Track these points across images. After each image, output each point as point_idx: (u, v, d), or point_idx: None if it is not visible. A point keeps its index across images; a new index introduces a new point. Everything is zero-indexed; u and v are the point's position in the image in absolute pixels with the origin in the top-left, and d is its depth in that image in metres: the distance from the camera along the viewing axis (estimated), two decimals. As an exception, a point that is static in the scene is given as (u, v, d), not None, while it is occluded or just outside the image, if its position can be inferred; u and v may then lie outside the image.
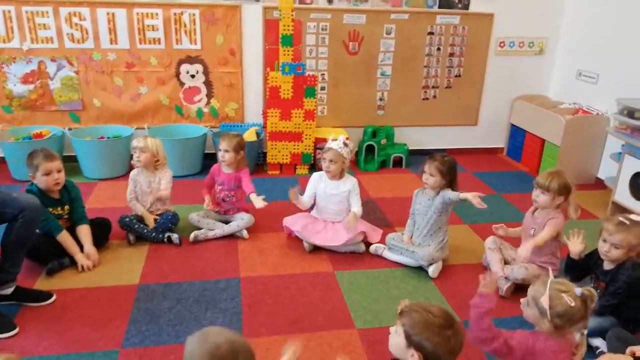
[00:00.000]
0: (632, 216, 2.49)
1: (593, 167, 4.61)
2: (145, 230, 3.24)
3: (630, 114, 3.82)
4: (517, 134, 5.19)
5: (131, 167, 4.46)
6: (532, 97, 5.13)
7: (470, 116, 5.25)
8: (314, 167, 4.65)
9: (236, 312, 2.63)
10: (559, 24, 5.04)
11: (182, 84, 4.63)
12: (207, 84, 4.68)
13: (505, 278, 2.90)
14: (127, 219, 3.24)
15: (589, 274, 2.62)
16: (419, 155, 5.04)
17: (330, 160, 3.25)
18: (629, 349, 2.20)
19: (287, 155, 4.56)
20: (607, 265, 2.50)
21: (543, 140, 4.76)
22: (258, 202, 3.26)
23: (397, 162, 4.85)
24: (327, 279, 2.97)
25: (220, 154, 3.41)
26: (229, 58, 4.62)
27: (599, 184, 4.49)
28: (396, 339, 1.71)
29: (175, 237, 3.26)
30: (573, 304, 1.78)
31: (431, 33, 4.85)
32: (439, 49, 4.93)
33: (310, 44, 4.70)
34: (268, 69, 4.49)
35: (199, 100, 4.73)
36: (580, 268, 2.62)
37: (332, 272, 3.04)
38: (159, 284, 2.85)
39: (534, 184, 2.90)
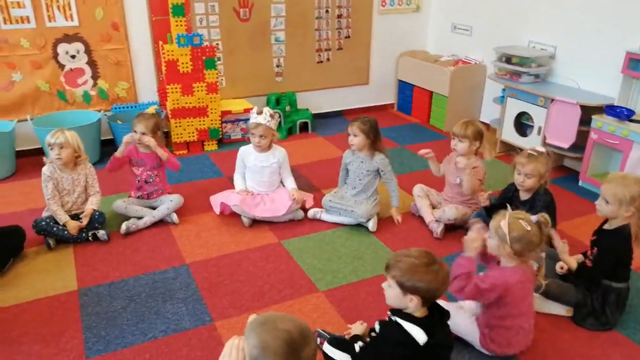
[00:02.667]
0: (537, 147, 2.86)
1: (476, 112, 5.11)
2: (66, 232, 2.93)
3: (508, 60, 4.28)
4: (405, 89, 5.52)
5: (19, 167, 4.00)
6: (414, 53, 5.48)
7: (361, 76, 5.46)
8: (222, 141, 4.54)
9: (196, 298, 2.55)
10: (431, -19, 5.40)
11: (62, 66, 4.15)
12: (91, 63, 4.24)
13: (437, 221, 3.17)
14: (44, 223, 2.89)
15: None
16: (321, 119, 5.17)
17: (261, 136, 3.20)
18: (558, 264, 2.59)
19: (193, 132, 4.37)
20: (524, 196, 2.85)
21: (431, 93, 5.14)
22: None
23: (303, 127, 4.91)
24: (276, 250, 2.98)
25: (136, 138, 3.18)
26: (113, 33, 4.23)
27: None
28: (391, 291, 1.82)
29: (101, 233, 3.00)
30: (529, 228, 2.03)
31: (319, -5, 4.90)
32: (327, 11, 5.00)
33: (200, 12, 4.47)
34: (161, 43, 4.21)
35: (84, 83, 4.28)
36: (499, 205, 2.95)
37: (278, 242, 3.06)
38: (102, 285, 2.64)
39: (451, 134, 3.17)
